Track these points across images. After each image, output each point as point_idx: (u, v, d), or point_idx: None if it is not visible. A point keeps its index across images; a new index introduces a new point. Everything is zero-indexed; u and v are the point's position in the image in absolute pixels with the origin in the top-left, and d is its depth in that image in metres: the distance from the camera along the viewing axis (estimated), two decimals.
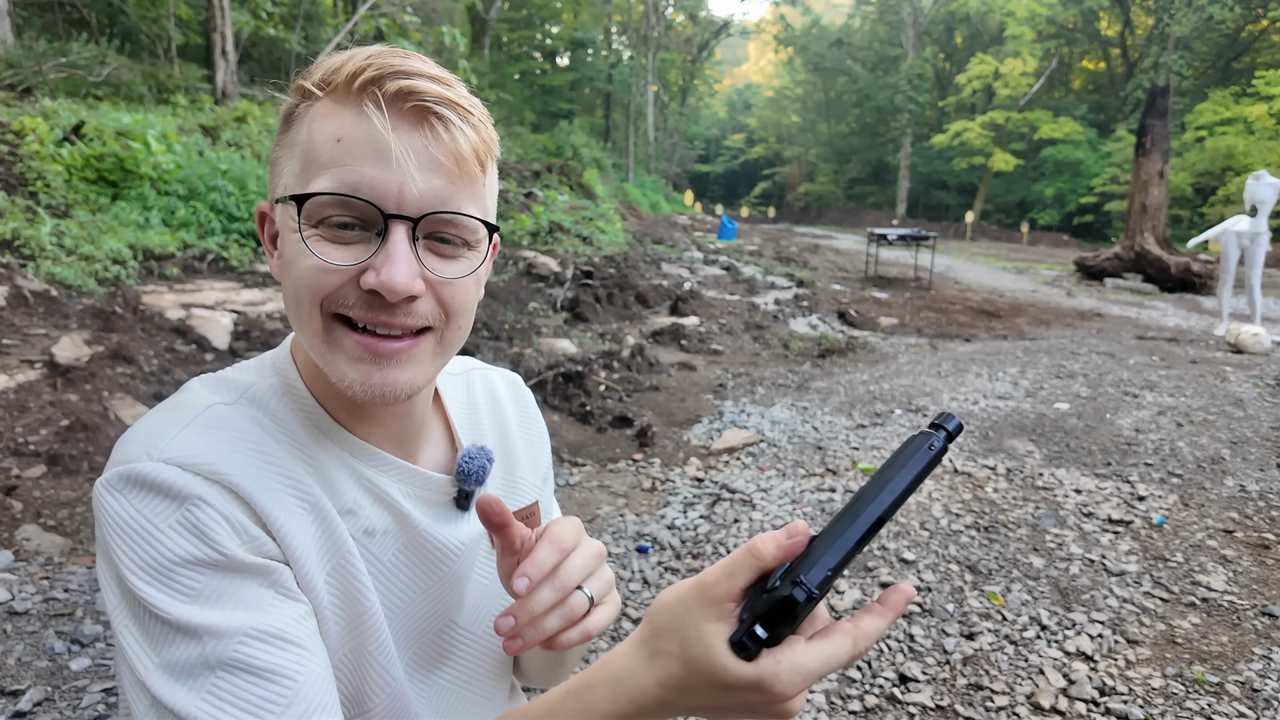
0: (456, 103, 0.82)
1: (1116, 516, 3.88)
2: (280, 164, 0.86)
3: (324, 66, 0.83)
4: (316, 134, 0.81)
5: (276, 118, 9.61)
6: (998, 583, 3.23)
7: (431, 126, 0.81)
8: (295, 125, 0.85)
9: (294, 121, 0.85)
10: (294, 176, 0.83)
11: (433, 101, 0.80)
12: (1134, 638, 2.83)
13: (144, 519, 0.75)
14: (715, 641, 0.68)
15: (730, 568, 0.69)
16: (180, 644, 0.73)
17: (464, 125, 0.82)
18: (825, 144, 66.80)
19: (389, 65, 0.80)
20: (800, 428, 5.42)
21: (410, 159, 0.80)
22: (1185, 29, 39.07)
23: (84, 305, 6.14)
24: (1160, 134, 17.76)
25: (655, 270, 14.62)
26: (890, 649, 2.74)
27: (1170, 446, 4.96)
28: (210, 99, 13.21)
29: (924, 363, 7.78)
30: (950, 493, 4.19)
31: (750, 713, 0.71)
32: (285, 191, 0.83)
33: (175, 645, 0.73)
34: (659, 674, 0.72)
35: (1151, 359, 8.00)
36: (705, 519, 3.85)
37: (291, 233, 0.82)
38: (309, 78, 0.84)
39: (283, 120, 0.87)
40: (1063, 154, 45.02)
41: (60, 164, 7.52)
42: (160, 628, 0.73)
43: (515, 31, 46.20)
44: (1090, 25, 49.92)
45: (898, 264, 19.61)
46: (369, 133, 0.79)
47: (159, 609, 0.73)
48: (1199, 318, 12.91)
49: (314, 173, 0.81)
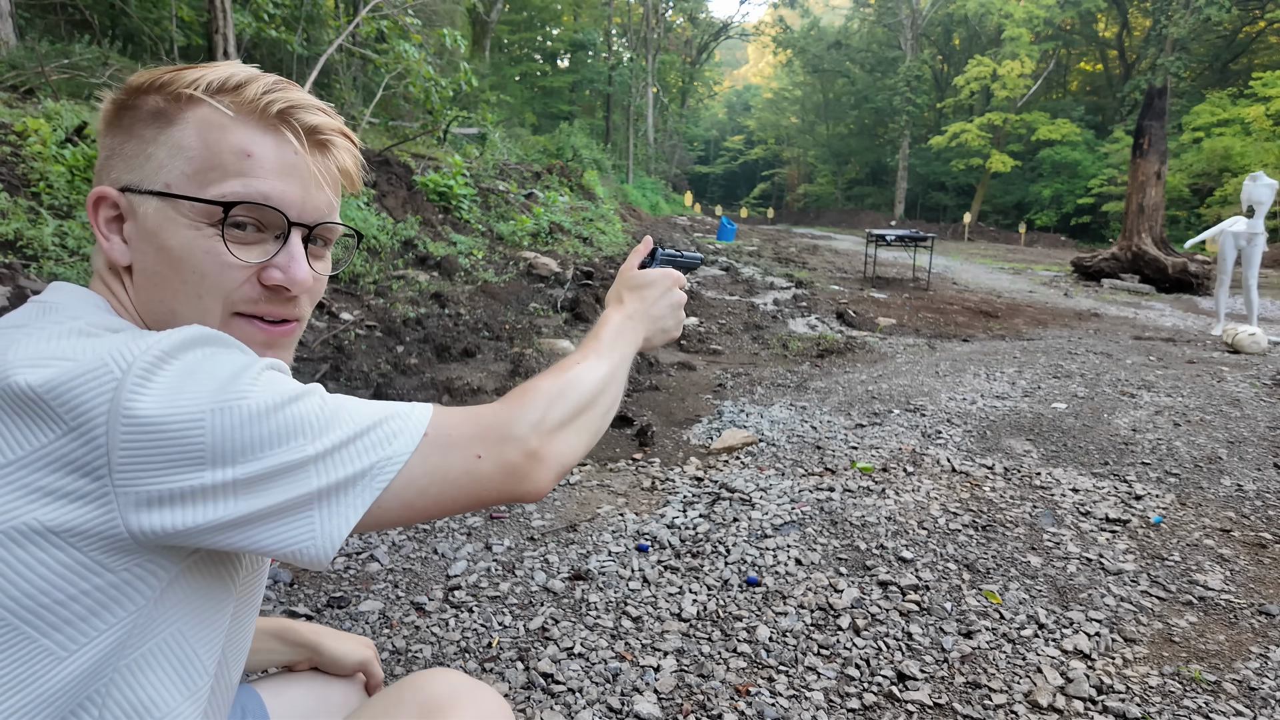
0: (345, 134, 1.02)
1: (1114, 515, 3.88)
2: (152, 158, 0.93)
3: (209, 79, 0.94)
4: (218, 144, 0.92)
5: None
6: (995, 581, 3.22)
7: (327, 153, 1.00)
8: (173, 125, 0.93)
9: (169, 120, 0.93)
10: (184, 177, 0.92)
11: (331, 134, 1.00)
12: (1131, 636, 2.83)
13: (205, 359, 0.83)
14: (635, 271, 1.41)
15: (629, 262, 1.45)
16: (291, 403, 0.84)
17: (348, 154, 1.03)
18: (824, 145, 66.90)
19: (296, 99, 0.96)
20: (799, 427, 5.42)
21: (312, 178, 0.98)
22: (1182, 30, 39.03)
23: None
24: (1157, 135, 17.76)
25: None
26: (888, 647, 2.74)
27: (1167, 446, 4.96)
28: None
29: (922, 363, 7.78)
30: (948, 491, 4.19)
31: (668, 296, 1.39)
32: (174, 189, 0.92)
33: (288, 406, 0.83)
34: (626, 301, 1.35)
35: (1149, 359, 8.00)
36: (705, 518, 3.85)
37: (186, 229, 0.92)
38: (183, 83, 0.93)
39: (141, 112, 0.95)
40: (1060, 155, 45.01)
41: (63, 165, 7.50)
42: (260, 408, 0.82)
43: (516, 34, 46.22)
44: (1088, 27, 49.97)
45: (896, 265, 19.60)
46: (282, 153, 0.95)
47: (263, 397, 0.82)
48: (1196, 318, 12.91)
49: (218, 179, 0.92)
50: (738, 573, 3.28)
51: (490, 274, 10.48)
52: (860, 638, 2.80)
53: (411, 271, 9.58)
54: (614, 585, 3.17)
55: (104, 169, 0.96)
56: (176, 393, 0.78)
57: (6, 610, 0.76)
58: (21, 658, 0.78)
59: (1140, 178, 17.80)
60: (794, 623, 2.89)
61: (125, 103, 0.96)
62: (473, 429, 0.93)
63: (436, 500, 0.90)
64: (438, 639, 2.76)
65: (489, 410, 0.97)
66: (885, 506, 3.95)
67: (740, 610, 2.98)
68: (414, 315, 8.02)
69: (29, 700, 0.79)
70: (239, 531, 0.81)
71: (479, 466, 0.92)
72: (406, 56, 13.62)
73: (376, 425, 0.87)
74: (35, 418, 0.76)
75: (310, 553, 0.83)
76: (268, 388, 0.83)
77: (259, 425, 0.80)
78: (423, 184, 12.36)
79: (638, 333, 1.31)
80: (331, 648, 1.46)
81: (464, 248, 11.15)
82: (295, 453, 0.81)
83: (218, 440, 0.78)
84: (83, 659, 0.81)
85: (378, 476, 0.85)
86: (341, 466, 0.84)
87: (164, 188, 0.92)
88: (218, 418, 0.78)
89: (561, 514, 3.91)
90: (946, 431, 5.29)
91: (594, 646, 2.72)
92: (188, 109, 0.93)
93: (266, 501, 0.80)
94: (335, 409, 0.86)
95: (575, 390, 1.05)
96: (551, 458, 0.98)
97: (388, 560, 3.33)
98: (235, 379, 0.81)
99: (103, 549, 0.78)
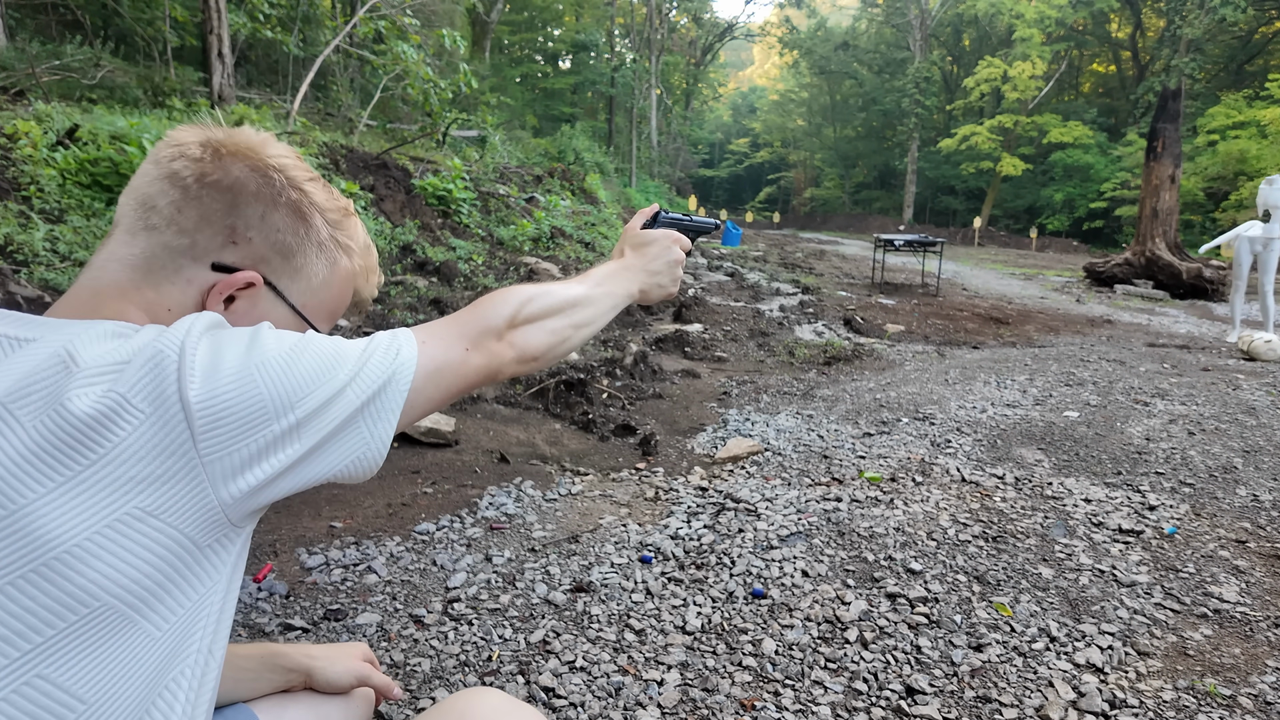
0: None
1: (1127, 526, 3.88)
2: (303, 277, 1.15)
3: (362, 238, 1.26)
4: (344, 298, 1.24)
5: (274, 122, 9.60)
6: (1006, 593, 3.23)
7: None
8: (337, 265, 1.19)
9: (334, 260, 1.19)
10: (317, 307, 1.19)
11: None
12: (1145, 650, 2.83)
13: (227, 335, 0.94)
14: (637, 231, 1.60)
15: (635, 220, 1.64)
16: (304, 345, 0.97)
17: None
18: (831, 148, 66.88)
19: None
20: (806, 436, 5.43)
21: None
22: (1197, 31, 39.03)
23: None
24: (1171, 138, 17.77)
25: None
26: (897, 660, 2.74)
27: (1182, 455, 4.96)
28: (206, 103, 13.20)
29: (931, 370, 7.78)
30: (958, 502, 4.19)
31: (667, 254, 1.56)
32: (304, 313, 1.16)
33: (305, 349, 0.97)
34: (626, 254, 1.55)
35: (1162, 366, 8.00)
36: (709, 529, 3.85)
37: (278, 321, 1.11)
38: (356, 246, 1.24)
39: (317, 227, 1.16)
40: (1072, 158, 44.97)
41: (54, 168, 7.52)
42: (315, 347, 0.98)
43: (516, 34, 46.33)
44: (1100, 28, 49.95)
45: (904, 270, 19.62)
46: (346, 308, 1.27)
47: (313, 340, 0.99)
48: (1211, 325, 12.91)
49: (334, 313, 1.23)
50: (743, 585, 3.28)
51: (490, 280, 10.49)
52: (868, 651, 2.80)
53: (410, 277, 9.59)
54: (617, 597, 3.17)
55: (247, 244, 1.09)
56: (224, 365, 0.89)
57: (120, 600, 0.84)
58: (131, 644, 0.86)
59: (1154, 181, 17.81)
60: (800, 636, 2.89)
61: (292, 185, 1.13)
62: (456, 329, 1.15)
63: (446, 389, 1.10)
64: (436, 652, 2.76)
65: (466, 311, 1.18)
66: (894, 517, 3.95)
67: (745, 623, 2.98)
68: (412, 322, 8.03)
69: (135, 686, 0.87)
70: (309, 463, 0.94)
71: (469, 358, 1.14)
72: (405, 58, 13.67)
73: (377, 346, 1.03)
74: (108, 424, 0.83)
75: (368, 456, 1.00)
76: (280, 340, 0.96)
77: (294, 371, 0.93)
78: (421, 188, 12.37)
79: (632, 283, 1.50)
80: (323, 670, 1.48)
81: (463, 253, 11.16)
82: (332, 383, 0.95)
83: (272, 393, 0.90)
84: (169, 638, 0.89)
85: (400, 381, 1.02)
86: (370, 383, 0.99)
87: (300, 309, 1.15)
88: (264, 374, 0.90)
89: (563, 525, 3.92)
90: (956, 440, 5.29)
91: (596, 660, 2.72)
92: (344, 256, 1.21)
93: (327, 428, 0.94)
94: (335, 341, 1.01)
95: (548, 297, 1.28)
96: (518, 345, 1.21)
97: (385, 571, 3.34)
98: (254, 341, 0.93)
99: (196, 523, 0.88)
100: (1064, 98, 53.53)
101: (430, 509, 4.05)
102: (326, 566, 3.36)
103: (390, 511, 3.99)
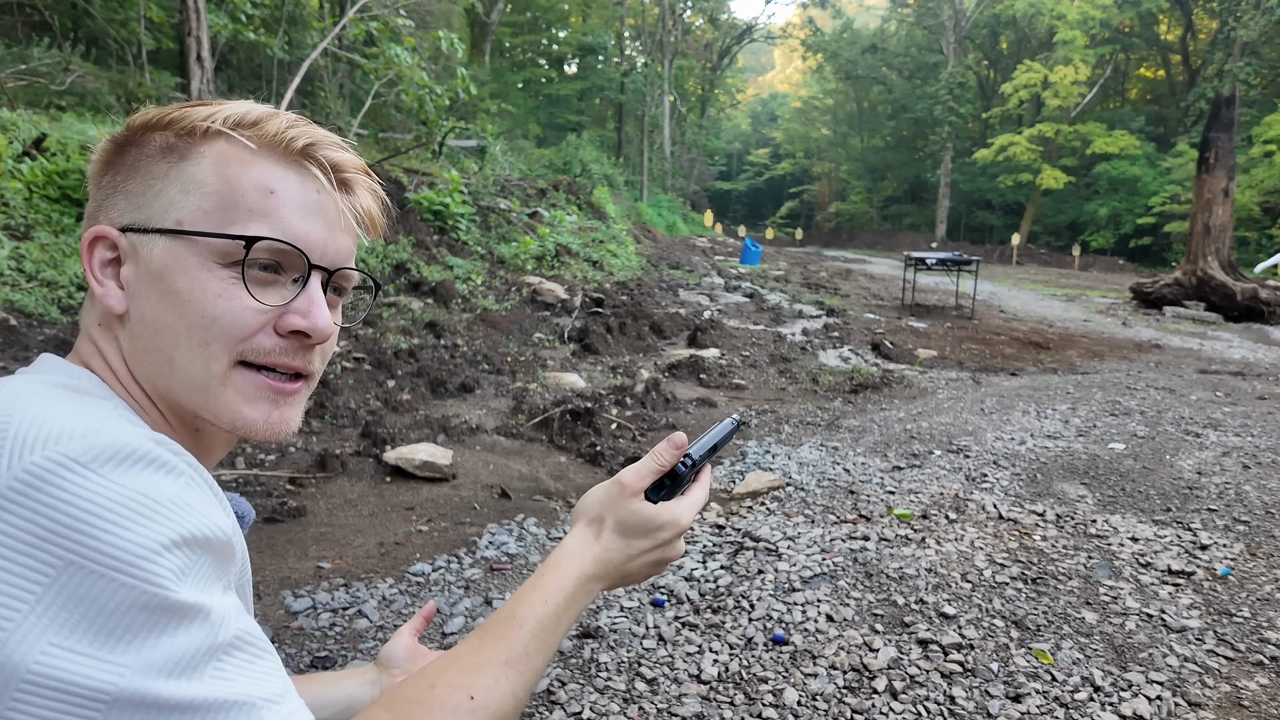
0: (366, 172, 1.05)
1: (1177, 567, 3.89)
2: (161, 194, 0.94)
3: (227, 113, 0.96)
4: (239, 180, 0.93)
5: None
6: (1047, 639, 3.23)
7: (350, 193, 1.02)
8: (186, 160, 0.94)
9: (181, 155, 0.95)
10: (200, 214, 0.93)
11: (354, 172, 1.02)
12: (1196, 700, 2.84)
13: (143, 495, 0.74)
14: (638, 504, 1.13)
15: (640, 470, 1.15)
16: (182, 631, 0.72)
17: (371, 194, 1.05)
18: (858, 159, 66.95)
19: (319, 135, 0.98)
20: (830, 470, 5.44)
21: (336, 220, 1.00)
22: (1253, 33, 39.10)
23: (45, 335, 6.20)
24: (1225, 148, 17.77)
25: (672, 297, 14.69)
26: (929, 711, 2.75)
27: (1236, 490, 4.95)
28: None
29: (966, 399, 7.80)
30: (995, 541, 4.20)
31: (662, 551, 1.15)
32: (187, 226, 0.93)
33: (173, 634, 0.71)
34: (605, 542, 1.13)
35: (1215, 395, 8.00)
36: (726, 569, 3.87)
37: (198, 269, 0.92)
38: (197, 117, 0.95)
39: (148, 148, 0.96)
40: (1118, 170, 44.95)
41: (20, 181, 7.60)
42: (147, 619, 0.70)
43: (519, 36, 46.59)
44: (1148, 29, 50.04)
45: (937, 291, 19.63)
46: (305, 191, 0.97)
47: (165, 589, 0.71)
48: (1267, 349, 12.88)
49: (238, 217, 0.93)
50: (763, 630, 3.30)
51: (490, 301, 10.56)
52: (898, 702, 2.81)
53: (404, 298, 9.66)
54: (626, 644, 3.19)
55: (100, 209, 0.97)
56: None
57: None
58: None
59: (1206, 195, 17.81)
60: (825, 685, 2.90)
61: (128, 140, 0.97)
62: None
63: None
64: None
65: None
66: (925, 557, 3.96)
67: (765, 671, 3.00)
68: (406, 346, 8.08)
69: None
70: None
71: None
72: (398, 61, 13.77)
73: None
74: None
75: None
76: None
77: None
78: (416, 202, 12.47)
79: (593, 594, 1.13)
80: (387, 651, 1.57)
81: (461, 272, 11.23)
82: None
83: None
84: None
85: None
86: None
87: (176, 225, 0.92)
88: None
89: None
90: (993, 474, 5.30)
91: (604, 711, 2.74)
92: (203, 143, 0.94)
93: None
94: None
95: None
96: None
97: (377, 616, 3.36)
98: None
99: None
100: (1109, 105, 53.63)
101: (426, 548, 4.07)
102: (314, 610, 3.39)
103: (382, 551, 4.02)
